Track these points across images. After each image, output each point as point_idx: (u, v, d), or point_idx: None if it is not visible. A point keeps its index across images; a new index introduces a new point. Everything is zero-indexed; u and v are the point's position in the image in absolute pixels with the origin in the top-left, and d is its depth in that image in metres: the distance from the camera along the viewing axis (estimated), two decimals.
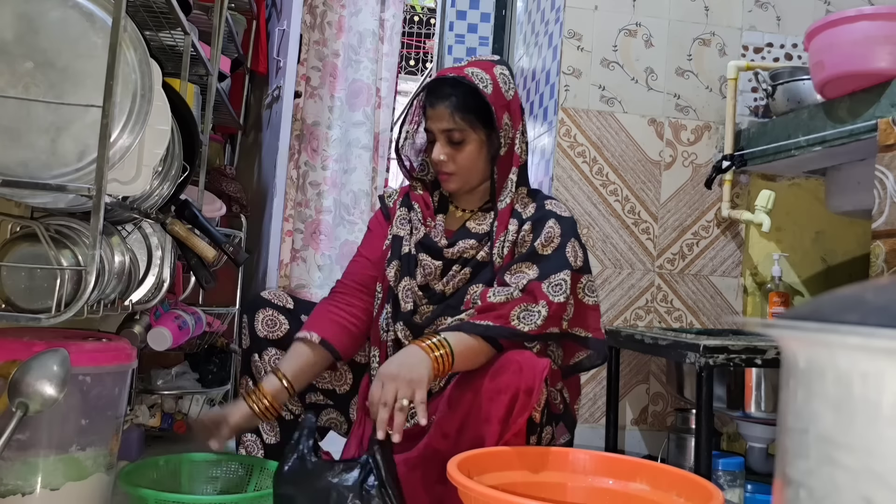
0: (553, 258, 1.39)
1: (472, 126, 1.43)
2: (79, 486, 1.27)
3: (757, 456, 1.88)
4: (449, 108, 1.43)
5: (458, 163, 1.45)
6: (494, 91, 1.43)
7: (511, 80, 1.48)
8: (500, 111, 1.43)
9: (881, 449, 0.39)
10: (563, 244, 1.41)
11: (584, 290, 1.44)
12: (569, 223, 1.44)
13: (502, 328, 1.32)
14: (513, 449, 1.23)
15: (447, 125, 1.43)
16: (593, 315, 1.45)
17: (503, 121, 1.43)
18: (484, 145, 1.45)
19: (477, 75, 1.43)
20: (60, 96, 1.12)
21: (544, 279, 1.36)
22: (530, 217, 1.45)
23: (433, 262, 1.49)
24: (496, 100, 1.42)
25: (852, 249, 2.25)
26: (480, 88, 1.41)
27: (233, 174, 2.67)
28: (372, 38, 3.35)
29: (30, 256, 1.24)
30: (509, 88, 1.46)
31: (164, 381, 2.21)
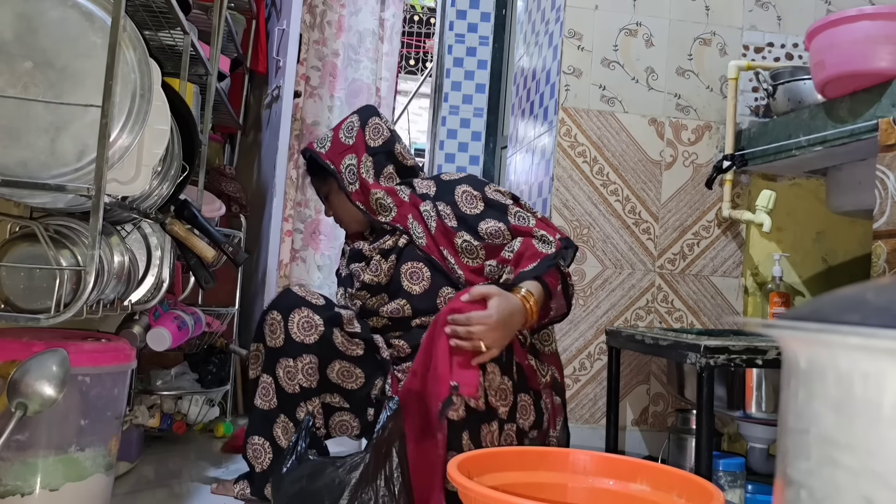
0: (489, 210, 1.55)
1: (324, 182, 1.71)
2: (78, 487, 1.27)
3: (758, 456, 1.88)
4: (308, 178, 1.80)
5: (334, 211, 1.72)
6: (332, 146, 1.67)
7: (356, 125, 1.68)
8: (338, 159, 1.65)
9: (882, 449, 0.39)
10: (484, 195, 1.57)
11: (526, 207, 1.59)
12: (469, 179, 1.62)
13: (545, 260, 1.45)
14: (513, 449, 1.23)
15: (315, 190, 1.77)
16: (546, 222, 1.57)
17: (342, 166, 1.64)
18: (339, 192, 1.67)
19: (318, 142, 1.70)
20: (59, 96, 1.12)
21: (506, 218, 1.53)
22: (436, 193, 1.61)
23: (359, 264, 1.67)
24: (331, 154, 1.66)
25: (853, 250, 2.25)
26: (315, 150, 1.67)
27: (232, 174, 2.67)
28: (372, 38, 3.35)
29: (29, 256, 1.24)
30: (352, 134, 1.67)
31: (164, 381, 2.21)
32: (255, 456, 1.52)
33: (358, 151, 1.66)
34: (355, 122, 1.69)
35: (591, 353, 2.20)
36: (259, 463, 1.51)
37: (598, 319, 2.20)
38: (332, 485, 1.21)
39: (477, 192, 1.57)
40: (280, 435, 1.50)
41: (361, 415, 1.58)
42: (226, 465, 1.97)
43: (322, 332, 1.50)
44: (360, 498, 1.19)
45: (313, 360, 1.50)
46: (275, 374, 1.50)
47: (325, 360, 1.52)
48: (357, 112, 1.73)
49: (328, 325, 1.51)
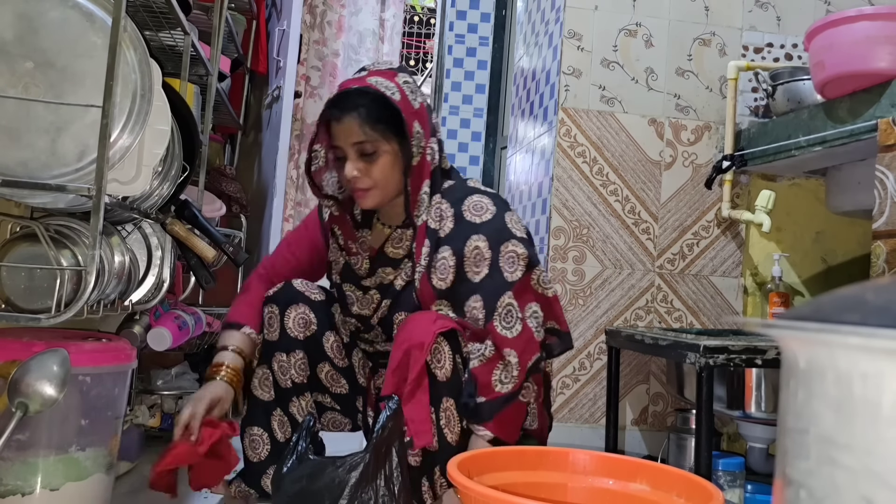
0: (488, 282, 1.35)
1: (384, 136, 1.37)
2: (79, 487, 1.27)
3: (757, 456, 1.88)
4: (357, 119, 1.35)
5: (373, 176, 1.38)
6: (402, 99, 1.37)
7: (416, 88, 1.42)
8: (411, 119, 1.37)
9: (881, 449, 0.39)
10: (495, 259, 1.35)
11: (539, 283, 1.39)
12: (494, 227, 1.37)
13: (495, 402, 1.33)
14: (513, 449, 1.23)
15: (357, 137, 1.36)
16: (556, 306, 1.43)
17: (414, 129, 1.37)
18: (398, 156, 1.39)
19: (382, 84, 1.36)
20: (60, 96, 1.12)
21: (492, 313, 1.34)
22: (449, 236, 1.39)
23: (355, 292, 1.53)
24: (405, 107, 1.36)
25: (853, 250, 2.25)
26: (388, 96, 1.34)
27: (233, 174, 2.67)
28: (372, 38, 3.35)
29: (30, 256, 1.24)
30: (416, 97, 1.40)
31: (164, 381, 2.20)
32: (254, 447, 1.52)
33: (423, 122, 1.40)
34: (412, 82, 1.42)
35: (590, 353, 2.20)
36: (256, 454, 1.52)
37: (597, 319, 2.20)
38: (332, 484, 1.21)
39: (488, 254, 1.36)
40: (277, 428, 1.52)
41: (352, 416, 1.61)
42: None
43: (315, 331, 1.53)
44: (360, 497, 1.19)
45: (305, 356, 1.52)
46: (271, 366, 1.52)
47: (314, 359, 1.54)
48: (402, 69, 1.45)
49: (321, 327, 1.54)
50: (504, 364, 1.33)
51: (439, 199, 1.42)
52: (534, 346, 1.34)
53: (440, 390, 1.34)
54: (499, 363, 1.33)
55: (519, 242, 1.37)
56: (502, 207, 1.41)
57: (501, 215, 1.39)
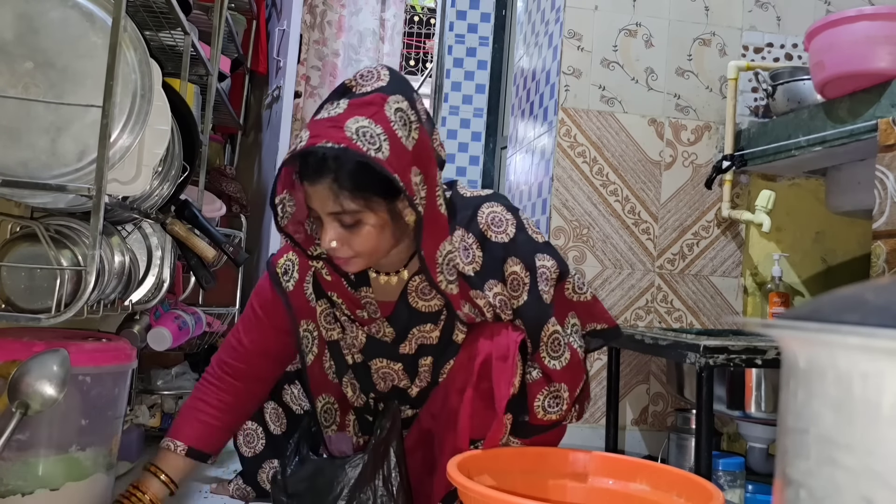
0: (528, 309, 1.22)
1: (369, 205, 1.10)
2: (79, 486, 1.27)
3: (757, 456, 1.88)
4: (331, 189, 1.08)
5: (357, 247, 1.14)
6: (393, 150, 1.06)
7: (411, 111, 1.12)
8: (406, 172, 1.08)
9: (881, 449, 0.39)
10: (533, 282, 1.22)
11: (574, 290, 1.29)
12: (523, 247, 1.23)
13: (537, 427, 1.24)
14: (512, 449, 1.23)
15: (333, 208, 1.10)
16: (595, 306, 1.32)
17: (412, 183, 1.09)
18: (387, 221, 1.14)
19: (365, 135, 1.05)
20: (60, 96, 1.12)
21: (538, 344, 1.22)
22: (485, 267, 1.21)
23: (391, 365, 1.30)
24: (398, 163, 1.06)
25: (853, 250, 2.25)
26: (372, 157, 1.04)
27: (233, 174, 2.67)
28: (372, 38, 3.35)
29: (30, 256, 1.24)
30: (412, 130, 1.11)
31: (164, 381, 2.21)
32: (248, 441, 1.50)
33: (424, 163, 1.13)
34: (405, 107, 1.11)
35: (590, 353, 2.20)
36: (251, 448, 1.49)
37: None
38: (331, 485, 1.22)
39: (527, 279, 1.22)
40: (270, 420, 1.48)
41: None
42: (226, 464, 1.97)
43: None
44: (359, 498, 1.20)
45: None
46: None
47: None
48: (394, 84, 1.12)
49: None
50: (551, 393, 1.23)
51: (462, 234, 1.22)
52: (580, 371, 1.25)
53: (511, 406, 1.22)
54: (544, 388, 1.23)
55: (545, 255, 1.24)
56: (515, 212, 1.26)
57: (521, 225, 1.25)
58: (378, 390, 1.33)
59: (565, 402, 1.23)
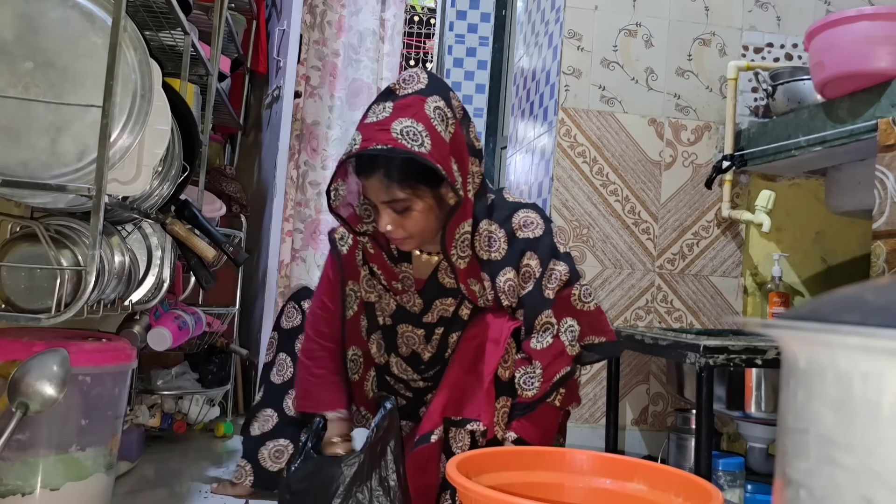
0: (530, 299, 1.36)
1: (416, 192, 1.28)
2: (79, 486, 1.27)
3: (757, 456, 1.88)
4: (383, 181, 1.26)
5: (409, 229, 1.31)
6: (434, 143, 1.22)
7: (447, 109, 1.27)
8: (447, 163, 1.24)
9: (881, 449, 0.39)
10: (540, 277, 1.35)
11: (580, 298, 1.37)
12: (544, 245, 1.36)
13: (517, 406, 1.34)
14: (511, 449, 1.23)
15: (386, 197, 1.28)
16: (598, 318, 1.40)
17: (453, 172, 1.26)
18: (433, 205, 1.31)
19: (409, 134, 1.21)
20: (60, 96, 1.12)
21: (531, 330, 1.36)
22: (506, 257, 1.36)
23: (415, 331, 1.45)
24: (439, 154, 1.22)
25: (853, 249, 2.25)
26: (416, 152, 1.20)
27: (233, 174, 2.67)
28: (372, 38, 3.35)
29: (30, 256, 1.24)
30: (448, 125, 1.26)
31: (164, 381, 2.21)
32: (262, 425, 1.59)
33: (459, 154, 1.29)
34: (442, 106, 1.26)
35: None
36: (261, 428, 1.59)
37: None
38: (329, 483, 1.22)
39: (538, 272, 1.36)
40: (290, 405, 1.57)
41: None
42: (226, 464, 1.97)
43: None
44: (355, 497, 1.20)
45: None
46: (292, 350, 1.60)
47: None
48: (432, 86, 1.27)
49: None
50: (527, 370, 1.34)
51: (487, 224, 1.36)
52: (563, 360, 1.34)
53: (501, 389, 1.33)
54: (521, 367, 1.34)
55: (561, 261, 1.36)
56: (547, 220, 1.39)
57: (549, 230, 1.38)
58: (399, 352, 1.48)
59: (538, 380, 1.32)
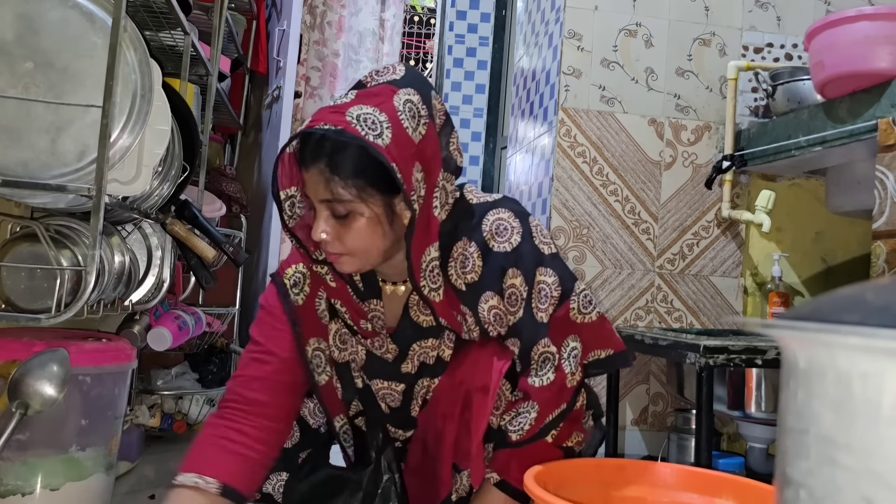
0: (522, 326, 1.12)
1: (362, 196, 1.02)
2: (79, 486, 1.27)
3: (757, 456, 1.88)
4: (323, 173, 1.01)
5: (348, 243, 1.05)
6: (395, 139, 1.00)
7: (422, 106, 1.05)
8: (408, 165, 1.01)
9: (881, 449, 0.39)
10: (528, 298, 1.12)
11: (579, 310, 1.15)
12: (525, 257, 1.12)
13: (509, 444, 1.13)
14: (591, 461, 1.17)
15: (323, 195, 1.03)
16: (602, 328, 1.18)
17: (413, 178, 1.02)
18: (381, 218, 1.05)
19: (366, 120, 0.99)
20: (60, 96, 1.12)
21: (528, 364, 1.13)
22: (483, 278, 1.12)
23: (393, 387, 1.20)
24: (398, 153, 1.00)
25: (853, 250, 2.25)
26: (370, 141, 0.98)
27: (233, 174, 2.68)
28: (372, 38, 3.35)
29: (30, 256, 1.24)
30: (420, 124, 1.03)
31: (164, 381, 2.21)
32: None
33: (428, 160, 1.05)
34: (415, 101, 1.04)
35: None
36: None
37: None
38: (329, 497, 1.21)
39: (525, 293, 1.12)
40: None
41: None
42: None
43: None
44: None
45: None
46: None
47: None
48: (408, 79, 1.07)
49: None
50: (519, 411, 1.13)
51: (462, 244, 1.13)
52: (562, 397, 1.13)
53: (491, 436, 1.16)
54: (513, 409, 1.14)
55: (548, 268, 1.13)
56: (522, 217, 1.16)
57: (528, 232, 1.14)
58: (383, 413, 1.23)
59: (528, 424, 1.11)
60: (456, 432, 1.15)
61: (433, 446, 1.19)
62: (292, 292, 1.19)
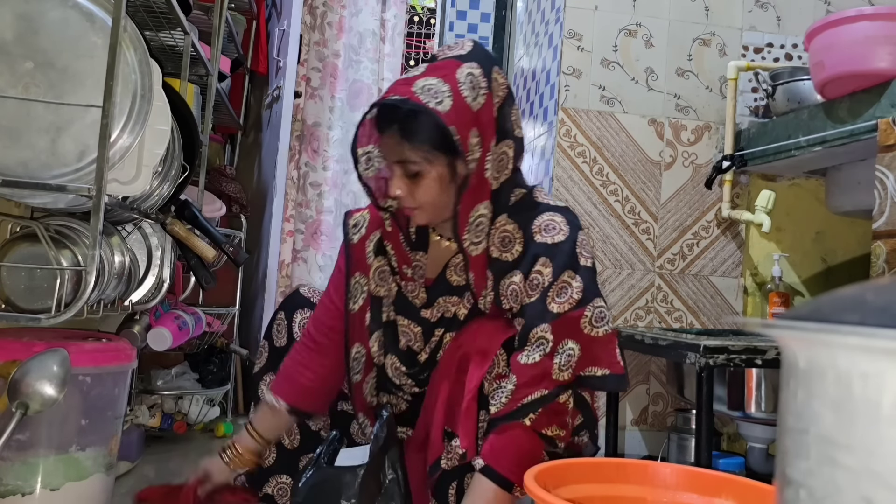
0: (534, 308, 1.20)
1: (428, 156, 1.18)
2: (79, 486, 1.27)
3: (757, 456, 1.88)
4: (396, 136, 1.18)
5: (418, 198, 1.21)
6: (455, 106, 1.14)
7: (483, 79, 1.18)
8: (465, 129, 1.15)
9: (881, 449, 0.39)
10: (548, 287, 1.20)
11: (591, 321, 1.20)
12: (563, 254, 1.21)
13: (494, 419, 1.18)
14: (590, 461, 1.17)
15: (397, 156, 1.19)
16: (607, 346, 1.22)
17: (469, 141, 1.16)
18: (446, 176, 1.20)
19: (430, 90, 1.14)
20: (60, 96, 1.12)
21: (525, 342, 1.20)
22: (517, 260, 1.23)
23: (412, 328, 1.32)
24: (456, 118, 1.13)
25: (853, 250, 2.25)
26: (432, 108, 1.12)
27: (233, 174, 2.68)
28: (372, 39, 3.34)
29: (30, 256, 1.24)
30: (478, 94, 1.17)
31: (164, 381, 2.21)
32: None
33: (483, 127, 1.18)
34: (477, 74, 1.17)
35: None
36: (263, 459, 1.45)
37: None
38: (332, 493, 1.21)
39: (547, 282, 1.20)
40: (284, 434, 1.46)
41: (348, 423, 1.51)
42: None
43: None
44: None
45: None
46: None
47: None
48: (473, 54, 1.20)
49: None
50: (500, 385, 1.19)
51: (505, 220, 1.24)
52: (544, 383, 1.17)
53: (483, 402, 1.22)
54: (497, 381, 1.20)
55: (579, 275, 1.20)
56: (574, 227, 1.26)
57: (573, 238, 1.23)
58: (397, 347, 1.35)
59: (505, 397, 1.17)
60: (449, 391, 1.23)
61: (429, 409, 1.27)
62: (351, 231, 1.38)
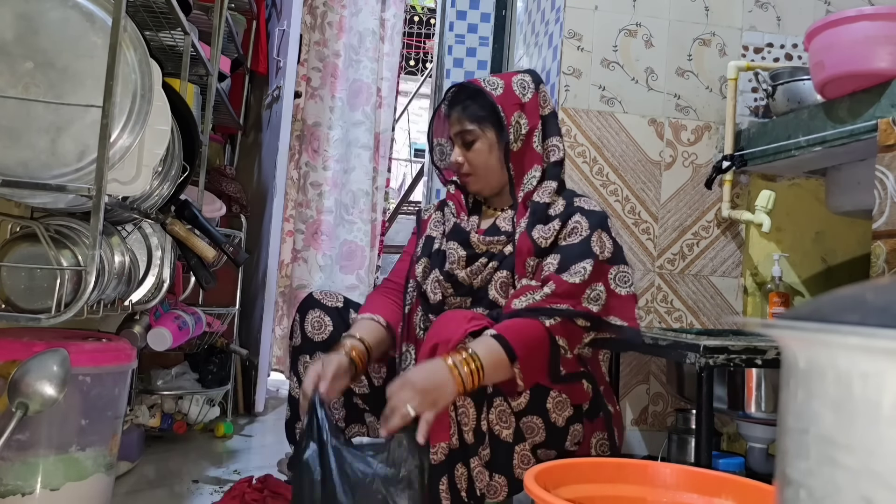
0: (575, 247, 1.42)
1: (481, 126, 1.50)
2: (79, 486, 1.27)
3: (757, 456, 1.88)
4: (458, 112, 1.53)
5: (472, 162, 1.52)
6: (505, 93, 1.50)
7: (531, 85, 1.53)
8: (511, 109, 1.49)
9: (881, 449, 0.39)
10: (589, 236, 1.43)
11: (616, 280, 1.44)
12: (596, 217, 1.46)
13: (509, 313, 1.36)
14: (590, 461, 1.18)
15: (456, 128, 1.53)
16: (628, 304, 1.44)
17: (513, 118, 1.49)
18: (495, 144, 1.51)
19: (490, 82, 1.52)
20: (60, 96, 1.12)
21: (564, 270, 1.39)
22: (557, 213, 1.48)
23: (459, 250, 1.52)
24: (505, 100, 1.49)
25: (853, 250, 2.25)
26: (486, 90, 1.50)
27: (233, 174, 2.68)
28: (372, 38, 3.34)
29: (30, 256, 1.24)
30: (526, 92, 1.52)
31: (164, 381, 2.21)
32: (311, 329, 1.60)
33: (529, 113, 1.52)
34: (528, 81, 1.54)
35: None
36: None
37: None
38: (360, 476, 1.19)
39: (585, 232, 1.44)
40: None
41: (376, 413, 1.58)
42: (226, 464, 1.97)
43: (331, 332, 1.57)
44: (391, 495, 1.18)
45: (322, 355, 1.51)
46: (297, 371, 1.59)
47: None
48: (528, 72, 1.59)
49: (337, 329, 1.57)
50: (533, 291, 1.38)
51: (552, 188, 1.50)
52: (573, 300, 1.37)
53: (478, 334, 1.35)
54: (528, 292, 1.38)
55: (610, 237, 1.46)
56: (604, 218, 1.49)
57: (606, 216, 1.49)
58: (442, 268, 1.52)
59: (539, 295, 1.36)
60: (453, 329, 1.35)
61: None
62: (423, 212, 1.70)
